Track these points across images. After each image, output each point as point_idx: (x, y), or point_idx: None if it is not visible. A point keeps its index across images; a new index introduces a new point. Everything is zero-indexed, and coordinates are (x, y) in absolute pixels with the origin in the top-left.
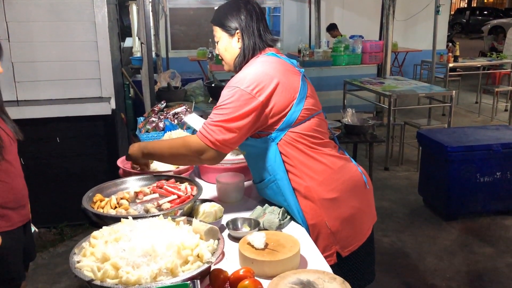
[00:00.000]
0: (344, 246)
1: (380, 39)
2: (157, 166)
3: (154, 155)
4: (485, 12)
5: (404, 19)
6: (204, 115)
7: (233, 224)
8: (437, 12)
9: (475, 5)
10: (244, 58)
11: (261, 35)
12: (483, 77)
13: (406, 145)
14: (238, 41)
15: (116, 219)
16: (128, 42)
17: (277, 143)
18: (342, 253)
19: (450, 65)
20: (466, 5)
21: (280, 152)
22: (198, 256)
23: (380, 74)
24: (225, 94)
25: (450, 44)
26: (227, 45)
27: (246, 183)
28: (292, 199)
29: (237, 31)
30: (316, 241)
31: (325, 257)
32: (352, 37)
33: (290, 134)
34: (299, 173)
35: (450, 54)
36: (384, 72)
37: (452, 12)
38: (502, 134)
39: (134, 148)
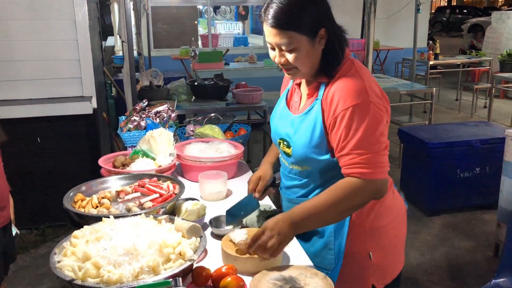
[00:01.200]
0: (380, 278)
1: (362, 37)
2: (138, 165)
3: (310, 218)
4: (465, 11)
5: (386, 17)
6: (188, 113)
7: (216, 222)
8: (417, 10)
9: (455, 4)
10: (339, 62)
11: (339, 29)
12: (463, 74)
13: None
14: (320, 41)
15: (97, 219)
16: (110, 41)
17: None
18: (377, 286)
19: (431, 62)
20: (446, 4)
21: None
22: (180, 254)
23: None
24: (354, 113)
25: (431, 42)
26: (309, 51)
27: (229, 181)
28: (344, 222)
29: (322, 29)
30: (348, 271)
31: None
32: None
33: None
34: None
35: (431, 52)
36: None
37: (433, 11)
38: (481, 131)
39: (280, 228)
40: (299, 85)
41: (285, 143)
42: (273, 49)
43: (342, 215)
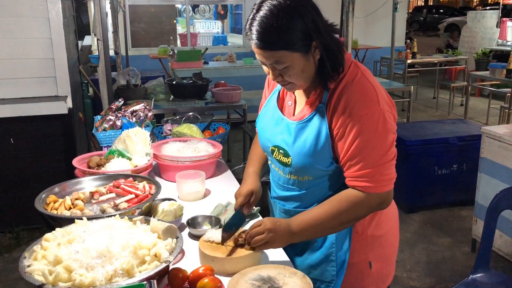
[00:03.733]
0: (378, 286)
1: (340, 36)
2: (113, 165)
3: (309, 229)
4: (441, 11)
5: (364, 17)
6: (166, 112)
7: (193, 222)
8: (395, 9)
9: (431, 4)
10: (338, 69)
11: (330, 28)
12: (440, 73)
13: None
14: (315, 52)
15: (70, 221)
16: (87, 41)
17: None
18: None
19: (409, 61)
20: (423, 4)
21: None
22: (155, 255)
23: None
24: (365, 122)
25: (408, 41)
26: (304, 66)
27: (207, 181)
28: (346, 232)
29: (313, 42)
30: (348, 281)
31: None
32: None
33: None
34: None
35: (408, 50)
36: None
37: (410, 10)
38: (458, 128)
39: (278, 235)
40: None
41: (281, 151)
42: (265, 64)
43: (343, 226)
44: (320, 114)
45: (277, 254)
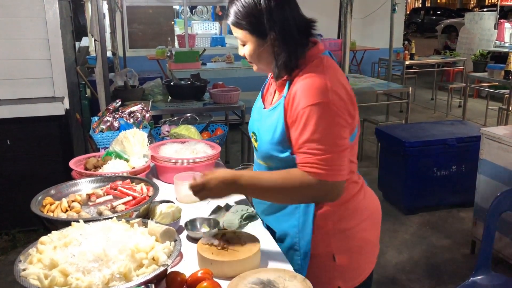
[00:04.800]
0: (347, 280)
1: (338, 37)
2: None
3: (253, 189)
4: (439, 12)
5: (362, 18)
6: (164, 113)
7: (192, 224)
8: (393, 10)
9: (429, 5)
10: (288, 67)
11: (299, 25)
12: (438, 74)
13: (365, 142)
14: (273, 43)
15: (67, 223)
16: (85, 42)
17: None
18: None
19: (407, 62)
20: (420, 5)
21: None
22: (153, 259)
23: None
24: (312, 113)
25: (406, 42)
26: (259, 49)
27: None
28: (307, 223)
29: (271, 32)
30: (314, 273)
31: None
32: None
33: None
34: None
35: (407, 52)
36: (343, 70)
37: (408, 12)
38: (457, 129)
39: (224, 187)
40: (275, 80)
41: (255, 137)
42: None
43: (284, 201)
44: (281, 104)
45: (277, 258)
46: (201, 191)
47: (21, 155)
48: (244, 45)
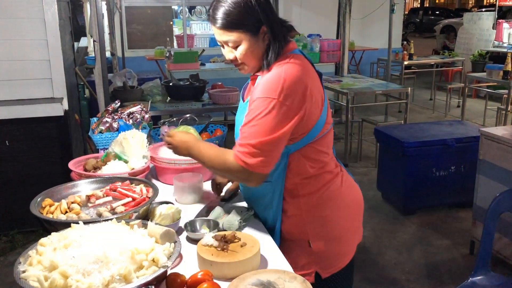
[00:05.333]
0: (325, 267)
1: (337, 37)
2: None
3: (198, 158)
4: (437, 12)
5: (360, 18)
6: (162, 114)
7: (191, 225)
8: (392, 11)
9: (427, 6)
10: (276, 56)
11: (281, 22)
12: (437, 74)
13: (364, 142)
14: (264, 38)
15: (66, 225)
16: (83, 42)
17: (289, 155)
18: (322, 274)
19: (405, 63)
20: (419, 5)
21: (288, 163)
22: (153, 260)
23: (338, 72)
24: (258, 105)
25: (405, 42)
26: (253, 47)
27: (205, 183)
28: (278, 207)
29: (262, 26)
30: (291, 257)
31: (302, 275)
32: (310, 36)
33: (306, 149)
34: (297, 185)
35: (405, 52)
36: (342, 70)
37: (406, 12)
38: (455, 129)
39: (183, 142)
40: (253, 80)
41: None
42: (223, 46)
43: (214, 170)
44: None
45: (277, 259)
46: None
47: (19, 156)
48: (236, 46)
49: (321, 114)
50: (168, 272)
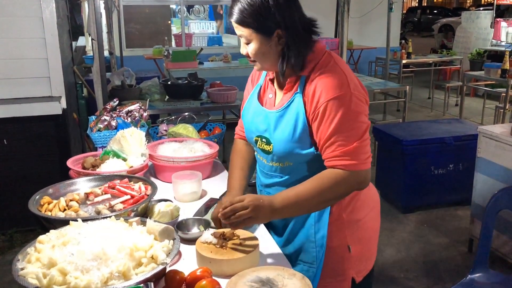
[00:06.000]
0: (359, 271)
1: (335, 36)
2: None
3: (292, 206)
4: (435, 11)
5: (358, 17)
6: (161, 113)
7: (182, 225)
8: (390, 9)
9: (425, 5)
10: (300, 65)
11: (303, 23)
12: (435, 73)
13: None
14: (279, 41)
15: (65, 222)
16: (81, 42)
17: None
18: (356, 279)
19: (404, 61)
20: (417, 4)
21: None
22: (152, 257)
23: None
24: (335, 107)
25: (403, 41)
26: (264, 48)
27: (204, 181)
28: (325, 215)
29: (277, 29)
30: (329, 264)
31: (339, 282)
32: None
33: None
34: None
35: (404, 51)
36: None
37: (404, 11)
38: (454, 128)
39: (260, 211)
40: (272, 80)
41: (263, 140)
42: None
43: (323, 204)
44: (297, 101)
45: (276, 256)
46: (247, 219)
47: (17, 155)
48: (248, 43)
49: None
50: (167, 269)
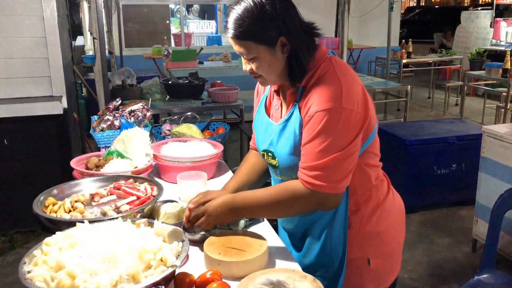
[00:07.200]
0: (378, 284)
1: (336, 36)
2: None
3: (250, 209)
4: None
5: (358, 16)
6: (162, 112)
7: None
8: (391, 9)
9: (423, 4)
10: (305, 70)
11: (305, 29)
12: (434, 73)
13: None
14: (283, 49)
15: (71, 224)
16: (79, 41)
17: None
18: None
19: (404, 61)
20: (415, 4)
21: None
22: (161, 260)
23: None
24: (320, 119)
25: (403, 40)
26: (270, 60)
27: (209, 182)
28: (340, 227)
29: (281, 37)
30: (346, 277)
31: None
32: None
33: (365, 156)
34: (359, 198)
35: (404, 50)
36: None
37: (403, 11)
38: (456, 127)
39: (218, 208)
40: (277, 92)
41: (269, 154)
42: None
43: (282, 215)
44: (296, 113)
45: (285, 258)
46: (203, 223)
47: (18, 155)
48: (251, 59)
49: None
50: (177, 272)
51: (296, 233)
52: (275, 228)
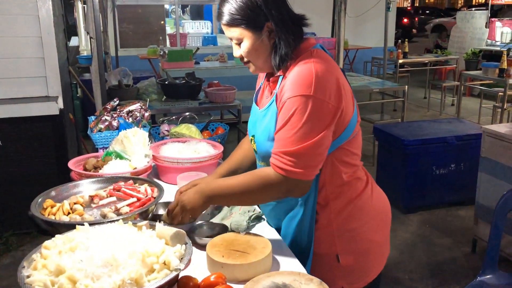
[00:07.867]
0: (352, 282)
1: (332, 36)
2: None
3: (222, 197)
4: (427, 12)
5: (354, 17)
6: (158, 113)
7: (198, 229)
8: (387, 9)
9: (417, 5)
10: (286, 57)
11: (294, 19)
12: (430, 73)
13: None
14: (270, 35)
15: (70, 226)
16: (74, 42)
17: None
18: None
19: (400, 61)
20: (409, 5)
21: (321, 168)
22: (164, 263)
23: None
24: (291, 106)
25: (399, 41)
26: (256, 44)
27: None
28: (307, 220)
29: (267, 23)
30: (316, 271)
31: None
32: (305, 34)
33: (339, 152)
34: (329, 194)
35: (400, 50)
36: None
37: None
38: (455, 127)
39: (191, 195)
40: (268, 81)
41: (253, 140)
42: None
43: (253, 202)
44: (274, 100)
45: (290, 260)
46: (178, 213)
47: (13, 156)
48: (239, 43)
49: (354, 111)
50: (180, 275)
51: (271, 224)
52: (293, 247)
